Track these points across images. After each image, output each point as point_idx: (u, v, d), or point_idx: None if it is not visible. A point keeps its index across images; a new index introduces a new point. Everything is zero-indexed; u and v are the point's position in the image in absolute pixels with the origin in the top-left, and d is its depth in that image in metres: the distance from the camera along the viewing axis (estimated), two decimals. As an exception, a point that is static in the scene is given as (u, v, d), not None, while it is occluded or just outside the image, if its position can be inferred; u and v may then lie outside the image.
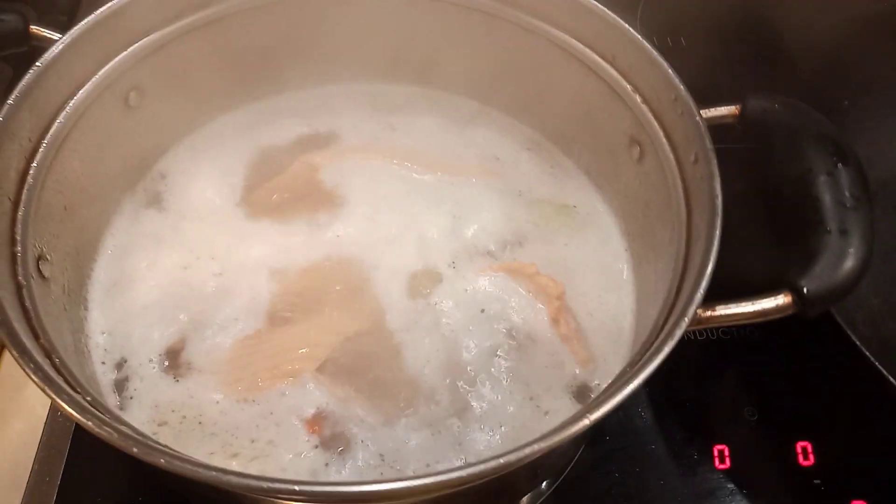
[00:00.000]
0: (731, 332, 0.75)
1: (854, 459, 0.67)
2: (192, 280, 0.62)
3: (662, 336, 0.42)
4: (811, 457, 0.67)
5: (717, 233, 0.46)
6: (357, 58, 0.74)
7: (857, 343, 0.61)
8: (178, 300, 0.61)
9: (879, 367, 0.60)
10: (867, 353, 0.60)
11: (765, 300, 0.46)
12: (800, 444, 0.68)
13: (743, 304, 0.46)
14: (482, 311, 0.61)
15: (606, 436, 0.68)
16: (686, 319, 0.42)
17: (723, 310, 0.46)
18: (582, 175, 0.71)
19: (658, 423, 0.69)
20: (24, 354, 0.39)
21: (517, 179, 0.70)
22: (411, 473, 0.51)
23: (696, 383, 0.72)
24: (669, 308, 0.46)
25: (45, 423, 0.67)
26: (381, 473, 0.52)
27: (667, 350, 0.41)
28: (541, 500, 0.65)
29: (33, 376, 0.38)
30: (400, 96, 0.76)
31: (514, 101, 0.74)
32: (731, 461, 0.67)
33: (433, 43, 0.72)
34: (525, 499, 0.64)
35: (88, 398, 0.41)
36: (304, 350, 0.58)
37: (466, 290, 0.62)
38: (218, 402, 0.55)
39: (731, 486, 0.66)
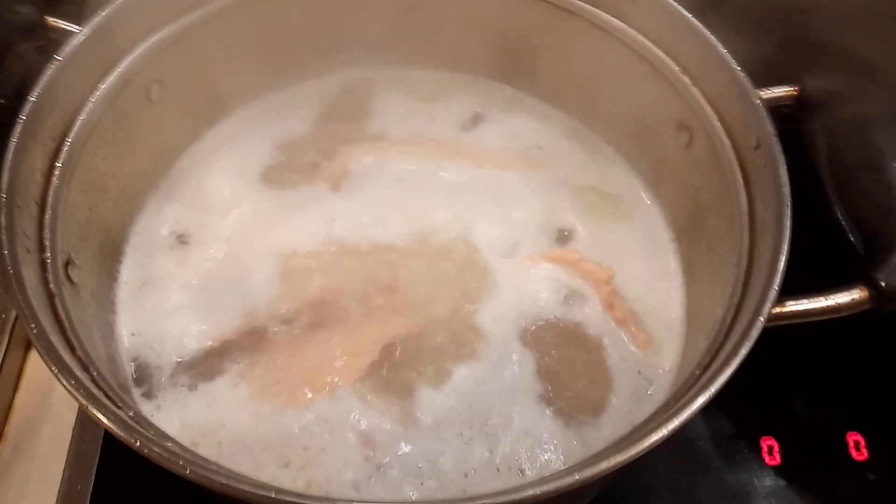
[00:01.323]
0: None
1: (910, 453, 0.65)
2: (223, 278, 0.60)
3: (735, 337, 0.40)
4: (864, 450, 0.65)
5: (788, 223, 0.43)
6: (382, 41, 0.71)
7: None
8: (209, 301, 0.59)
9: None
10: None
11: (839, 295, 0.43)
12: (852, 437, 0.66)
13: (815, 299, 0.44)
14: (532, 302, 0.59)
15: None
16: (762, 318, 0.40)
17: (793, 305, 0.44)
18: (623, 161, 0.68)
19: (705, 420, 0.67)
20: (63, 370, 0.37)
21: (561, 168, 0.68)
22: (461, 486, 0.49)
23: (743, 377, 0.70)
24: (737, 306, 0.44)
25: (74, 428, 0.65)
26: (422, 484, 0.50)
27: (743, 353, 0.39)
28: (590, 499, 0.63)
29: (75, 393, 0.36)
30: (431, 81, 0.73)
31: (547, 85, 0.71)
32: (781, 456, 0.65)
33: (460, 25, 0.69)
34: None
35: (131, 413, 0.39)
36: (343, 359, 0.55)
37: (515, 282, 0.60)
38: (257, 413, 0.53)
39: (781, 482, 0.64)
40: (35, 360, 0.71)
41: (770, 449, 0.66)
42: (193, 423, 0.53)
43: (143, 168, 0.62)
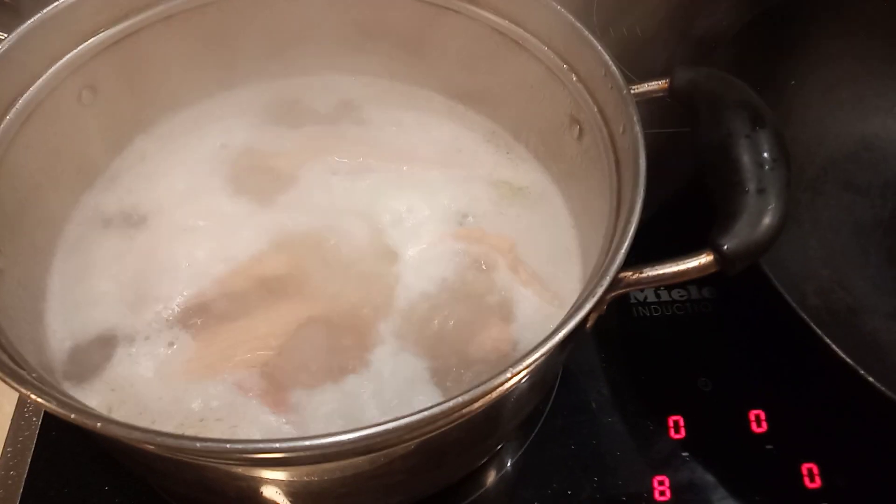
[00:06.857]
0: (685, 308, 0.77)
1: (804, 425, 0.69)
2: (151, 269, 0.64)
3: (585, 295, 0.44)
4: (764, 424, 0.69)
5: (641, 191, 0.48)
6: (319, 51, 0.76)
7: (803, 315, 0.62)
8: (136, 291, 0.62)
9: (825, 338, 0.61)
10: (812, 325, 0.62)
11: (689, 260, 0.48)
12: (753, 413, 0.70)
13: (668, 265, 0.48)
14: (443, 279, 0.63)
15: (564, 411, 0.70)
16: (608, 278, 0.44)
17: (650, 271, 0.48)
18: (532, 158, 0.73)
19: (615, 399, 0.71)
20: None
21: (478, 168, 0.72)
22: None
23: (651, 358, 0.74)
24: (600, 272, 0.48)
25: (12, 419, 0.68)
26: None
27: (588, 306, 0.43)
28: (501, 473, 0.66)
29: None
30: (368, 88, 0.78)
31: (470, 93, 0.76)
32: (686, 431, 0.69)
33: (402, 37, 0.74)
34: (490, 476, 0.66)
35: (34, 374, 0.42)
36: (256, 342, 0.59)
37: (423, 263, 0.64)
38: (173, 391, 0.57)
39: (685, 454, 0.68)
40: (-22, 356, 0.74)
41: (676, 425, 0.69)
42: (113, 395, 0.57)
43: (77, 167, 0.66)
